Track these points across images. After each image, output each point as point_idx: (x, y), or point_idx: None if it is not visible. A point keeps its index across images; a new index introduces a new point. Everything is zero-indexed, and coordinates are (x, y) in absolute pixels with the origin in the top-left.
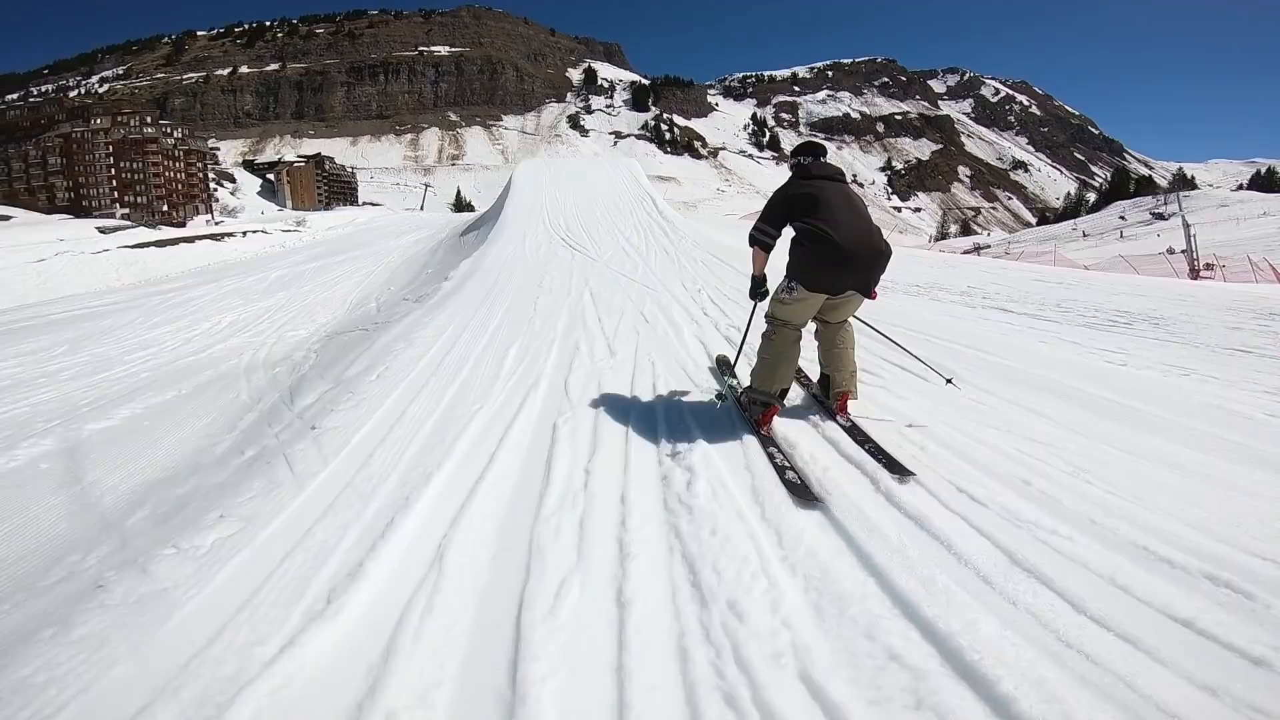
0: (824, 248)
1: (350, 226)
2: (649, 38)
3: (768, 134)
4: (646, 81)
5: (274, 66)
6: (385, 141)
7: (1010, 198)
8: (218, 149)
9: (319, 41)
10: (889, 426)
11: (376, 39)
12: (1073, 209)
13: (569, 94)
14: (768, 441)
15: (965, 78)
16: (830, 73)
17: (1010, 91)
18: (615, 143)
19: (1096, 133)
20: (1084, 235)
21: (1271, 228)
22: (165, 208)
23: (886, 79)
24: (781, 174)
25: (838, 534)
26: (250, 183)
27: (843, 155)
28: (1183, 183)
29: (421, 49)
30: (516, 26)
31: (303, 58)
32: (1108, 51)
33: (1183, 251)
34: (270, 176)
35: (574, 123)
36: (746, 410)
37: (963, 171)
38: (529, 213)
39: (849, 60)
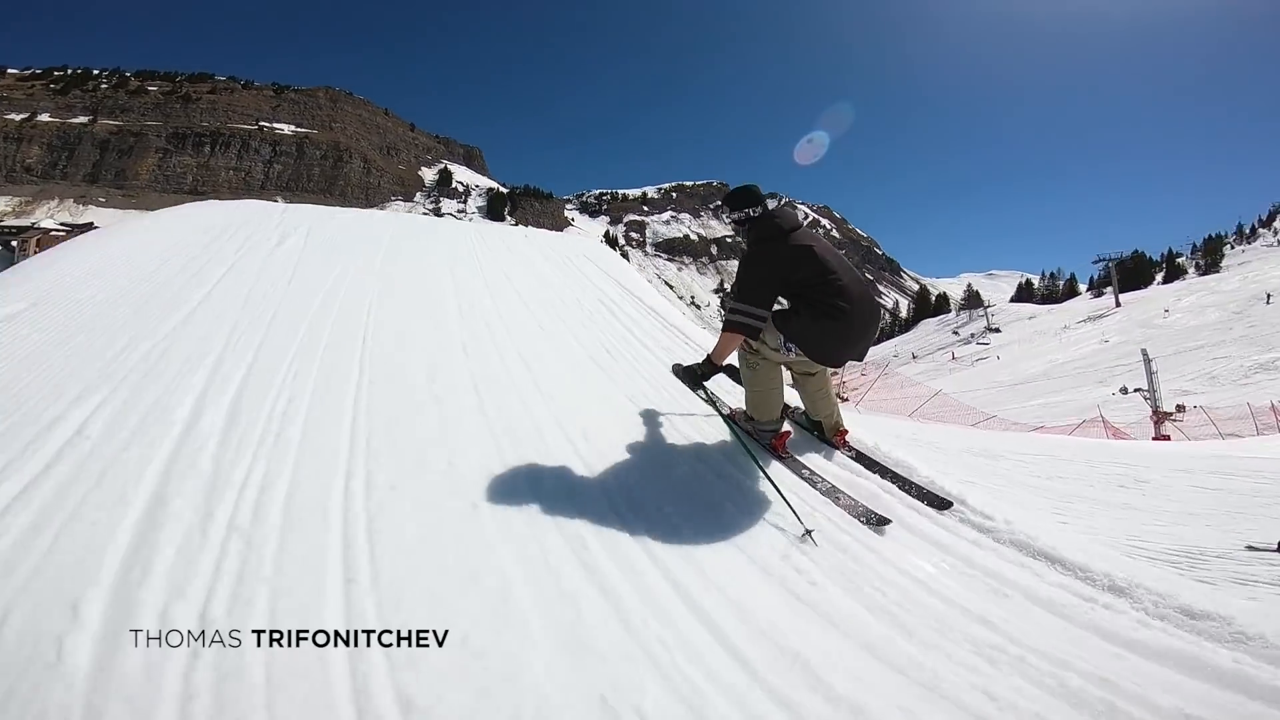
0: (841, 325)
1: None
2: (512, 146)
3: (619, 252)
4: (505, 189)
5: (82, 119)
6: None
7: None
8: None
9: (146, 100)
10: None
11: (214, 106)
12: (887, 329)
13: (419, 194)
14: (799, 466)
15: (782, 202)
16: (674, 194)
17: (816, 215)
18: None
19: (880, 253)
20: (914, 357)
21: (1093, 344)
22: None
23: (720, 202)
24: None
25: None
26: None
27: (683, 276)
28: (976, 299)
29: (263, 124)
30: (375, 116)
31: (120, 114)
32: (877, 178)
33: (1137, 390)
34: (15, 243)
35: None
36: (755, 438)
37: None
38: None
39: (690, 182)
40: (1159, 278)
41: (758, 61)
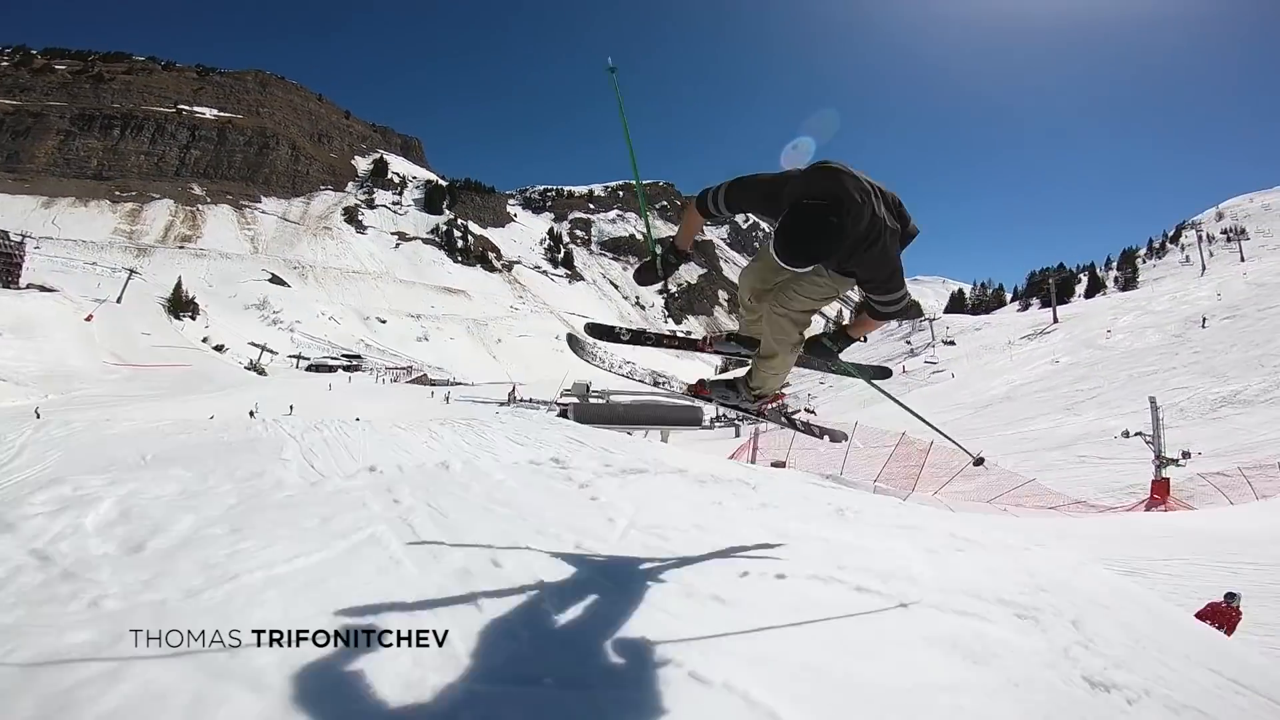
0: None
1: None
2: (454, 138)
3: (563, 250)
4: (444, 182)
5: None
6: (94, 208)
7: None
8: None
9: (51, 79)
10: None
11: (129, 87)
12: None
13: (350, 184)
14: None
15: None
16: (621, 192)
17: (757, 220)
18: (398, 245)
19: None
20: None
21: (1044, 364)
22: None
23: (665, 202)
24: (576, 293)
25: None
26: None
27: (627, 276)
28: (916, 308)
29: (182, 107)
30: (307, 102)
31: (20, 94)
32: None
33: (1139, 434)
34: None
35: (350, 216)
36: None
37: (721, 295)
38: None
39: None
40: (1080, 290)
41: (706, 61)
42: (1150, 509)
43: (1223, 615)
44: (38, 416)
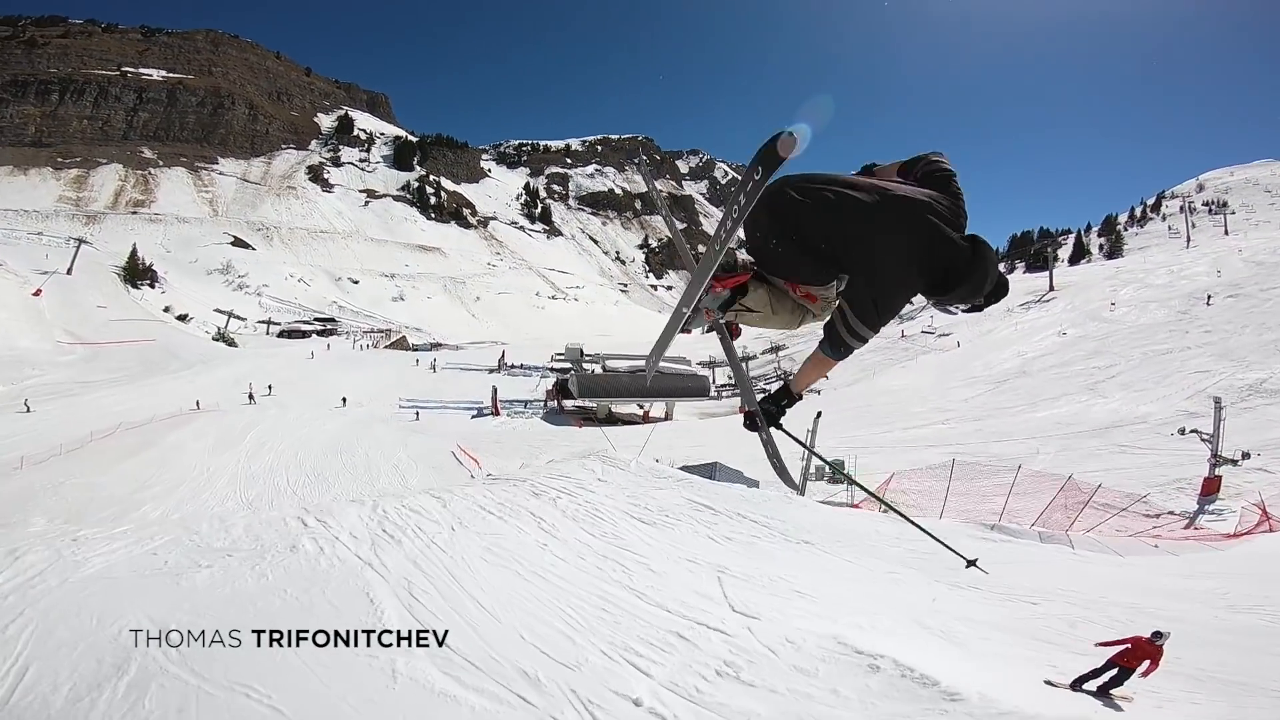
0: None
1: None
2: (423, 94)
3: (540, 206)
4: (414, 138)
5: None
6: (35, 176)
7: None
8: None
9: None
10: None
11: (66, 51)
12: None
13: (314, 142)
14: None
15: (704, 160)
16: (599, 147)
17: (736, 174)
18: (367, 203)
19: None
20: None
21: (1051, 336)
22: None
23: (644, 157)
24: (555, 249)
25: None
26: None
27: (607, 231)
28: None
29: (126, 69)
30: (264, 60)
31: None
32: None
33: (1194, 432)
34: None
35: (315, 175)
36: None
37: (701, 250)
38: None
39: (616, 136)
40: (1064, 257)
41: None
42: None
43: (1145, 652)
44: (28, 410)
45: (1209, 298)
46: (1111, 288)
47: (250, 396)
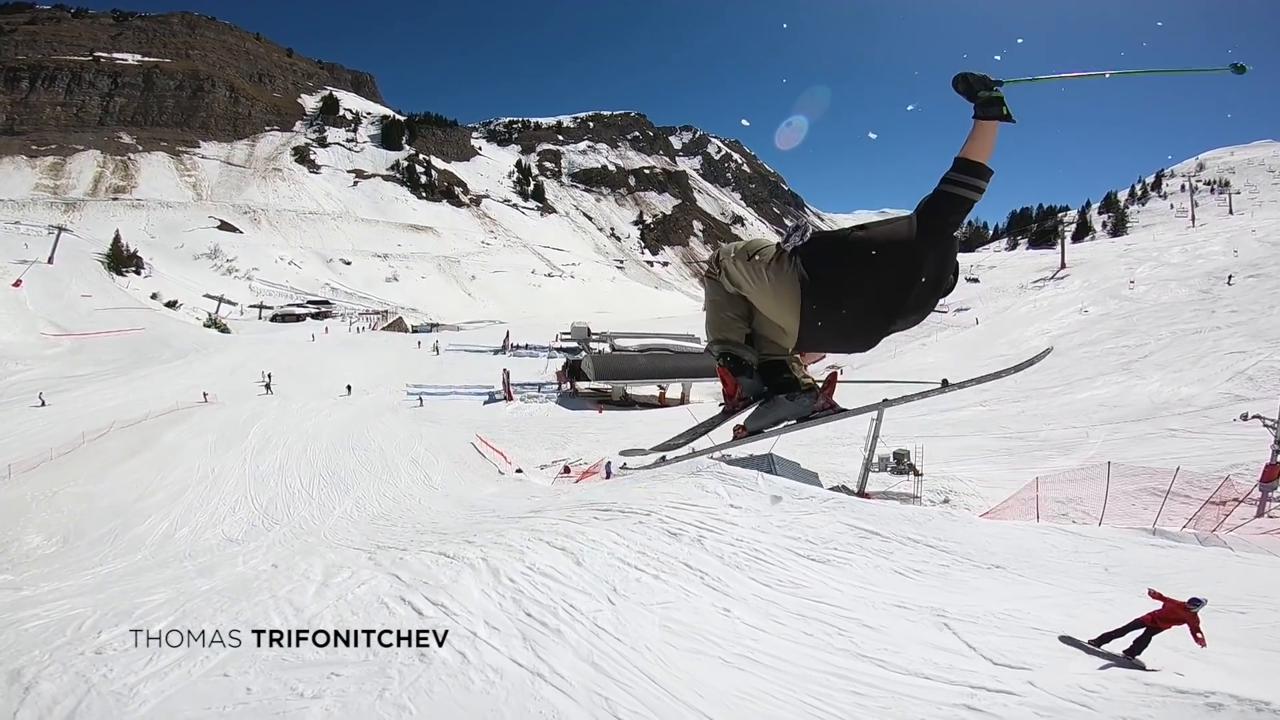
0: None
1: None
2: (408, 72)
3: (532, 183)
4: (402, 117)
5: None
6: (9, 165)
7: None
8: None
9: None
10: None
11: (35, 38)
12: None
13: (299, 123)
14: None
15: (696, 135)
16: (591, 123)
17: (729, 150)
18: (356, 183)
19: (786, 188)
20: None
21: (1073, 313)
22: None
23: (637, 133)
24: (549, 226)
25: None
26: None
27: (601, 208)
28: None
29: (99, 55)
30: (243, 42)
31: None
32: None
33: (1257, 417)
34: None
35: (302, 156)
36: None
37: (696, 226)
38: None
39: (608, 112)
40: (1068, 235)
41: None
42: None
43: (1179, 617)
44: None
45: (1230, 277)
46: (1126, 265)
47: (267, 386)
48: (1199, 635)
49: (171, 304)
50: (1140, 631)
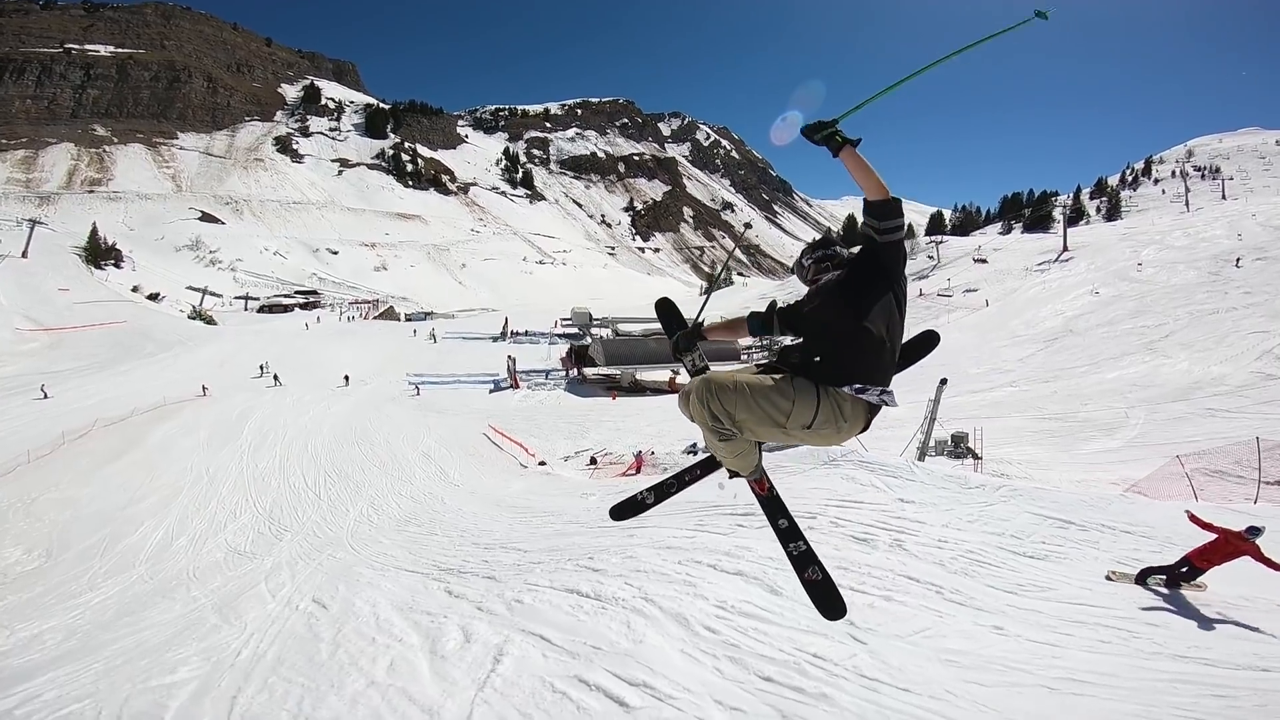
0: None
1: None
2: (391, 60)
3: (521, 171)
4: (385, 105)
5: None
6: None
7: (723, 236)
8: None
9: None
10: None
11: (1, 30)
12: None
13: (279, 113)
14: None
15: (685, 122)
16: (579, 110)
17: (717, 136)
18: (340, 172)
19: (774, 174)
20: None
21: (1085, 295)
22: None
23: (626, 120)
24: (538, 213)
25: None
26: None
27: (591, 194)
28: (910, 230)
29: (70, 46)
30: (221, 32)
31: None
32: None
33: None
34: None
35: (284, 146)
36: None
37: (687, 212)
38: None
39: (596, 99)
40: (1061, 219)
41: None
42: None
43: (1239, 548)
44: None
45: (1238, 260)
46: (1130, 249)
47: (275, 378)
48: (1270, 560)
49: (154, 296)
50: (1186, 569)
